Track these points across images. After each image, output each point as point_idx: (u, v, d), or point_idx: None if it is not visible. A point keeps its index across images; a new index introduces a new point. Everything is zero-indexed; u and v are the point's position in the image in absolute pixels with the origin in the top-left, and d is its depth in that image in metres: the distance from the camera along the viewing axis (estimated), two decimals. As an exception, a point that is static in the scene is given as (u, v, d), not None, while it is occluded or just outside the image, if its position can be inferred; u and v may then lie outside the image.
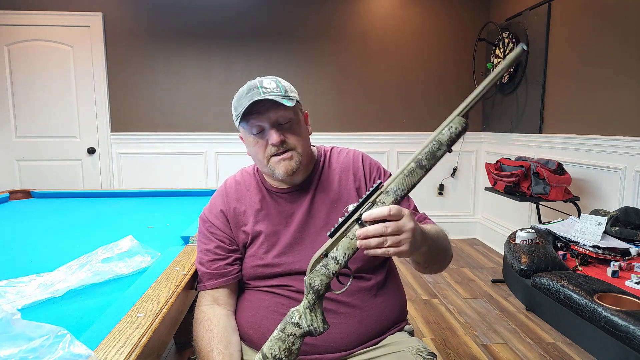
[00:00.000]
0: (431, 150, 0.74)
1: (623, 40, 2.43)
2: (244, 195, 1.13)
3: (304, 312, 0.81)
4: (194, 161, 3.93)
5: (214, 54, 3.82)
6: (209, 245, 1.09)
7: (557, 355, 2.07)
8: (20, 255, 1.38)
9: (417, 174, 0.75)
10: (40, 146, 3.79)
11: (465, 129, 0.73)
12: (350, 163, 1.14)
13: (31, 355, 0.64)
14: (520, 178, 2.72)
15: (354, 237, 0.77)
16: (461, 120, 0.73)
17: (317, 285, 0.80)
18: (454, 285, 2.97)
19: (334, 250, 0.79)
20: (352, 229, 0.78)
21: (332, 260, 0.79)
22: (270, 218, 1.09)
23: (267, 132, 1.02)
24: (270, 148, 1.02)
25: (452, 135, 0.73)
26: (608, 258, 1.46)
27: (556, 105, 3.04)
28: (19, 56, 3.67)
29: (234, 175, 1.19)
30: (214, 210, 1.13)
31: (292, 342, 0.80)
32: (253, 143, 1.05)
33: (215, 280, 1.07)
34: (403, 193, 0.76)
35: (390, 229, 0.75)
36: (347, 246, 0.78)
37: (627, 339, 1.00)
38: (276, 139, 1.01)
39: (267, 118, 1.01)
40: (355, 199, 1.09)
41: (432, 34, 3.94)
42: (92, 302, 0.99)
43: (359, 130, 3.99)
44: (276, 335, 0.82)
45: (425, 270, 1.03)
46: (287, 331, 0.81)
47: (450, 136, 0.73)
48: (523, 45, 0.70)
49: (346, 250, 0.78)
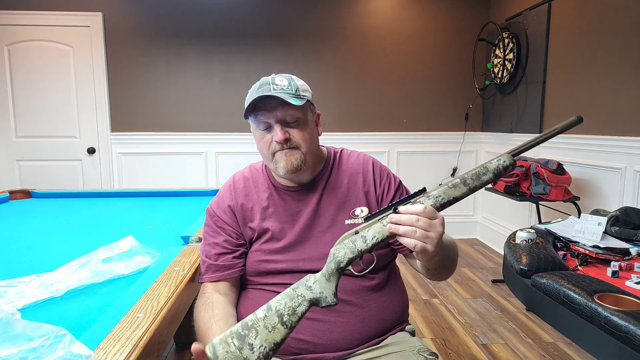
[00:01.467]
0: (477, 173, 0.81)
1: (623, 40, 2.43)
2: (251, 192, 1.13)
3: (319, 278, 0.81)
4: (194, 161, 3.92)
5: (214, 54, 3.82)
6: (217, 239, 1.10)
7: (557, 355, 2.07)
8: (20, 255, 1.38)
9: (459, 189, 0.81)
10: (40, 146, 3.79)
11: (512, 165, 0.82)
12: (361, 167, 1.14)
13: (31, 355, 0.64)
14: (520, 178, 2.72)
15: (387, 223, 0.80)
16: (510, 157, 0.81)
17: (340, 257, 0.81)
18: (454, 285, 2.97)
19: (366, 230, 0.81)
20: (386, 217, 0.81)
21: (361, 239, 0.81)
22: (277, 215, 1.09)
23: (273, 128, 1.03)
24: (275, 145, 1.03)
25: (500, 166, 0.81)
26: (608, 258, 1.45)
27: (556, 105, 3.04)
28: (19, 56, 3.67)
29: (242, 171, 1.19)
30: (221, 205, 1.13)
31: (299, 304, 0.79)
32: (259, 138, 1.06)
33: (220, 273, 1.07)
34: (443, 201, 0.81)
35: (422, 222, 0.78)
36: (379, 231, 0.80)
37: (627, 339, 1.00)
38: (280, 137, 1.01)
39: (273, 115, 1.02)
40: (364, 202, 1.10)
41: (432, 34, 3.94)
42: (92, 302, 0.99)
43: (359, 130, 3.99)
44: (287, 292, 0.81)
45: (433, 277, 1.04)
46: (298, 291, 0.81)
47: (497, 166, 0.81)
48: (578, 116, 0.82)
49: (376, 234, 0.80)
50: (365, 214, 1.08)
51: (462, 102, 4.03)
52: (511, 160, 0.81)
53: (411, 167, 4.07)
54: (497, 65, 3.65)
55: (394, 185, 1.13)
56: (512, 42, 3.44)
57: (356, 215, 1.08)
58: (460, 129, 4.07)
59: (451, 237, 1.06)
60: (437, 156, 4.08)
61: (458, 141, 4.07)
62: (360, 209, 1.09)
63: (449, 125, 4.07)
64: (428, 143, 4.07)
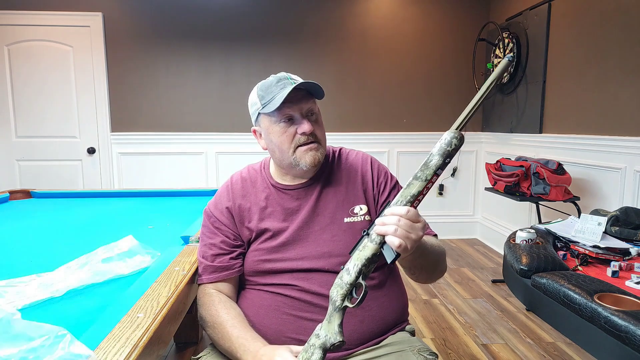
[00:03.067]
0: (425, 162, 0.80)
1: (623, 40, 2.43)
2: (249, 192, 1.13)
3: (323, 323, 0.84)
4: (194, 161, 3.92)
5: (214, 54, 3.82)
6: (214, 240, 1.10)
7: (557, 355, 2.07)
8: (20, 255, 1.38)
9: (413, 185, 0.80)
10: (40, 146, 3.79)
11: (457, 138, 0.79)
12: (359, 165, 1.15)
13: (31, 355, 0.64)
14: (520, 178, 2.72)
15: (363, 247, 0.82)
16: (451, 133, 0.79)
17: (334, 297, 0.83)
18: (454, 285, 2.97)
19: (349, 262, 0.83)
20: (362, 242, 0.83)
21: (346, 272, 0.83)
22: (275, 215, 1.09)
23: (298, 121, 1.03)
24: (299, 138, 1.03)
25: (442, 144, 0.79)
26: (608, 258, 1.45)
27: (556, 105, 3.04)
28: (19, 56, 3.67)
29: (240, 171, 1.19)
30: (219, 206, 1.13)
31: (312, 353, 0.82)
32: (280, 132, 1.04)
33: (218, 274, 1.08)
34: (403, 204, 0.80)
35: (403, 222, 0.79)
36: (357, 257, 0.82)
37: (627, 339, 1.00)
38: (308, 128, 1.02)
39: (299, 108, 1.03)
40: (362, 200, 1.10)
41: (432, 34, 3.94)
42: (92, 302, 0.99)
43: (359, 130, 3.99)
44: (304, 346, 0.85)
45: (412, 277, 1.04)
46: (311, 341, 0.84)
47: (440, 146, 0.79)
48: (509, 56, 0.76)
49: (356, 261, 0.82)
50: (364, 212, 1.09)
51: (462, 102, 4.01)
52: (453, 134, 0.79)
53: (411, 167, 4.06)
54: (497, 65, 3.64)
55: (389, 184, 1.14)
56: (512, 42, 3.44)
57: (355, 213, 1.08)
58: (460, 129, 4.06)
59: (441, 246, 1.08)
60: (437, 156, 4.08)
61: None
62: (360, 207, 1.09)
63: (449, 125, 3.92)
64: (428, 143, 4.06)
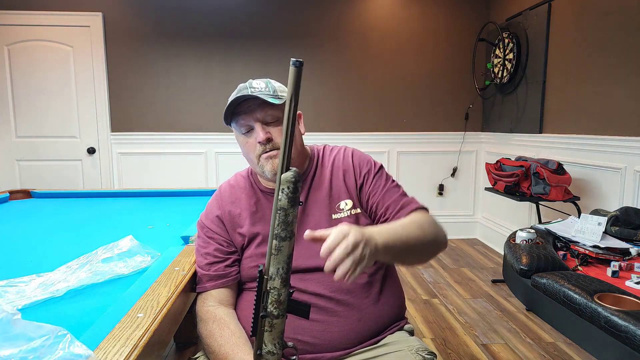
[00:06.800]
0: (281, 220, 0.73)
1: (623, 40, 2.43)
2: (238, 198, 1.14)
3: None
4: (194, 161, 3.92)
5: (214, 54, 3.82)
6: (207, 249, 1.11)
7: (557, 355, 2.07)
8: (20, 255, 1.38)
9: (285, 246, 0.74)
10: (40, 146, 3.79)
11: (296, 178, 0.72)
12: (341, 160, 1.15)
13: (31, 355, 0.64)
14: (520, 178, 2.72)
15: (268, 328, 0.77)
16: (287, 177, 0.72)
17: None
18: (454, 285, 2.97)
19: (263, 346, 0.78)
20: (264, 324, 0.78)
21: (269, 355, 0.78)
22: (266, 219, 1.10)
23: (256, 130, 1.04)
24: (258, 147, 1.04)
25: (289, 195, 0.73)
26: (608, 258, 1.45)
27: (556, 105, 3.04)
28: (19, 56, 3.67)
29: (228, 180, 1.21)
30: (210, 216, 1.14)
31: None
32: (243, 143, 1.07)
33: (214, 282, 1.08)
34: (284, 269, 0.75)
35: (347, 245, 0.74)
36: (263, 337, 0.78)
37: (627, 339, 1.00)
38: (262, 137, 1.02)
39: (253, 117, 1.03)
40: (346, 195, 1.10)
41: (432, 34, 3.94)
42: (92, 302, 0.99)
43: (359, 130, 3.99)
44: None
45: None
46: None
47: (287, 197, 0.73)
48: (293, 61, 0.70)
49: (265, 339, 0.78)
50: (349, 207, 1.09)
51: (462, 102, 4.04)
52: (292, 177, 0.72)
53: (411, 167, 4.07)
54: (497, 65, 3.65)
55: (373, 171, 1.13)
56: (512, 42, 3.44)
57: (341, 209, 1.09)
58: (460, 129, 4.07)
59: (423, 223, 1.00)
60: (437, 156, 4.09)
61: (458, 141, 4.07)
62: (345, 202, 1.09)
63: (449, 125, 4.07)
64: (428, 143, 4.07)
